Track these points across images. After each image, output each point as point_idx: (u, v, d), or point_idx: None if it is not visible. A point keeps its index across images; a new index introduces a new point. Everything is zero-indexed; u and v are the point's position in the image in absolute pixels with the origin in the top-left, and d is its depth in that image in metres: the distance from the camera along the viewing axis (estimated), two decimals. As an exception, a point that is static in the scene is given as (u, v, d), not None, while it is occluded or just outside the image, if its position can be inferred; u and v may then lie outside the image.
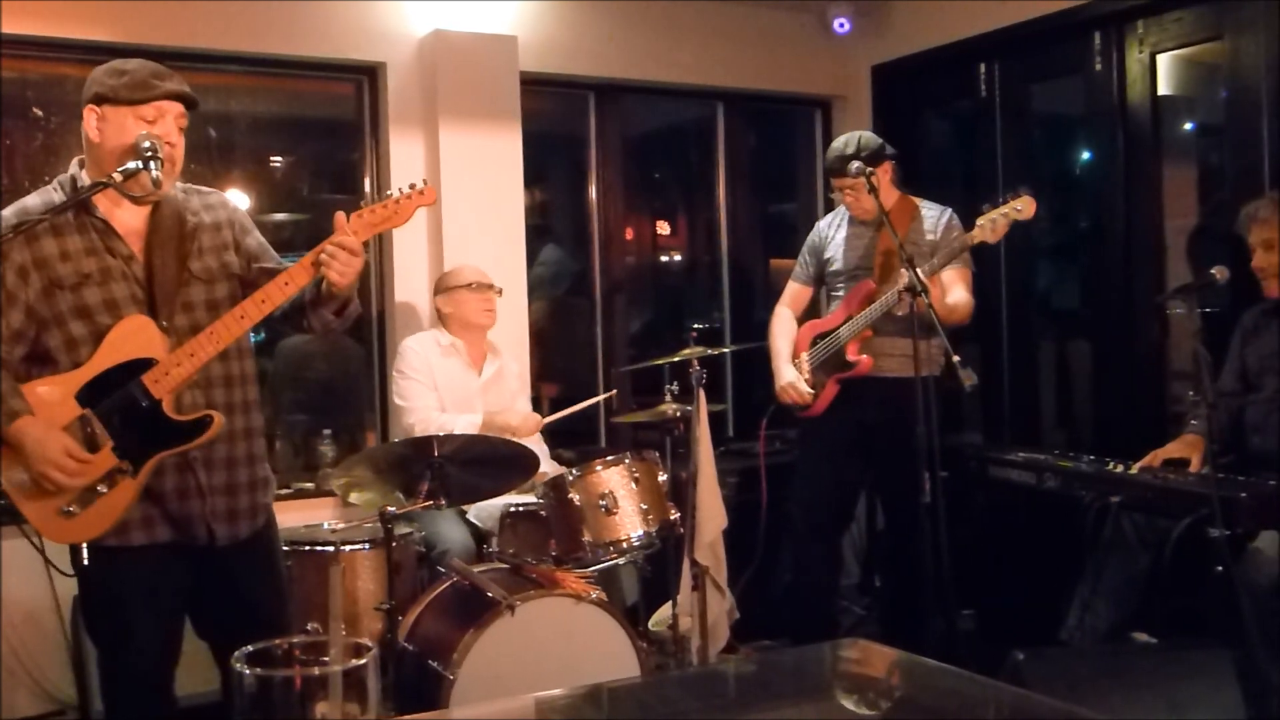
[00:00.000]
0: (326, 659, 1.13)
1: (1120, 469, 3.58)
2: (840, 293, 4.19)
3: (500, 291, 4.28)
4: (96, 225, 2.56)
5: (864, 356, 4.03)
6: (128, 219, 2.60)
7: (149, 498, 2.58)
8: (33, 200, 2.58)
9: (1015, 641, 2.70)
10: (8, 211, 2.57)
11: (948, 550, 3.46)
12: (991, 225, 3.69)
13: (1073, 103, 4.89)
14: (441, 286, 4.26)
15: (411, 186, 2.66)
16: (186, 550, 2.64)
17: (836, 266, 4.20)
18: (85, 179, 2.59)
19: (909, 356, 3.61)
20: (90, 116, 2.57)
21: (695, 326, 5.26)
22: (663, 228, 5.94)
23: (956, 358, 3.31)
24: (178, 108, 2.59)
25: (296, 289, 2.57)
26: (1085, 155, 5.04)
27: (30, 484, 2.48)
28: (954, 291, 3.99)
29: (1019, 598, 4.06)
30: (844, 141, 4.06)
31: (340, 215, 2.58)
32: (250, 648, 1.15)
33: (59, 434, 2.45)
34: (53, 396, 2.49)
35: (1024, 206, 3.66)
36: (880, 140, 4.10)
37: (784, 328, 4.31)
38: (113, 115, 2.54)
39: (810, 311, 4.41)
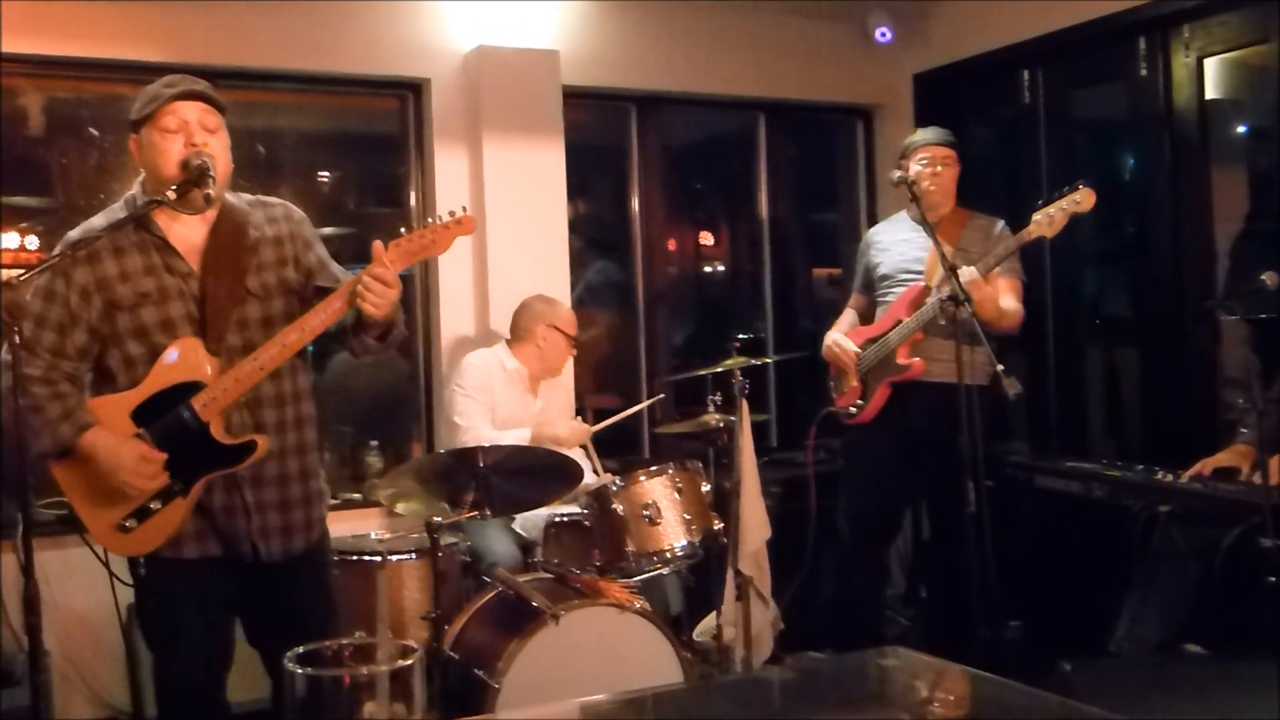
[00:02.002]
0: (374, 661, 1.16)
1: (1169, 478, 3.53)
2: (888, 297, 4.18)
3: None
4: (156, 243, 2.61)
5: (916, 359, 4.01)
6: (188, 235, 2.64)
7: (200, 513, 2.64)
8: (98, 220, 2.64)
9: (1063, 653, 2.67)
10: (74, 232, 2.63)
11: (993, 560, 3.44)
12: (1049, 219, 3.68)
13: (1118, 108, 4.84)
14: (547, 318, 4.26)
15: (451, 214, 2.67)
16: (236, 563, 2.69)
17: (884, 271, 4.20)
18: (143, 198, 2.64)
19: (962, 363, 3.60)
20: (132, 143, 2.66)
21: (738, 337, 5.26)
22: (705, 238, 5.95)
23: (1000, 367, 3.30)
24: (198, 107, 2.59)
25: (334, 319, 2.60)
26: (1131, 161, 4.99)
27: (95, 495, 2.55)
28: (1004, 299, 3.98)
29: (1067, 608, 4.02)
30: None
31: (378, 245, 2.59)
32: (301, 649, 1.18)
33: (131, 440, 2.52)
34: (110, 415, 2.57)
35: (1083, 199, 3.64)
36: None
37: (845, 317, 4.38)
38: (144, 136, 2.61)
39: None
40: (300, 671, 1.14)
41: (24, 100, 4.22)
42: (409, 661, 1.15)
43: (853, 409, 4.18)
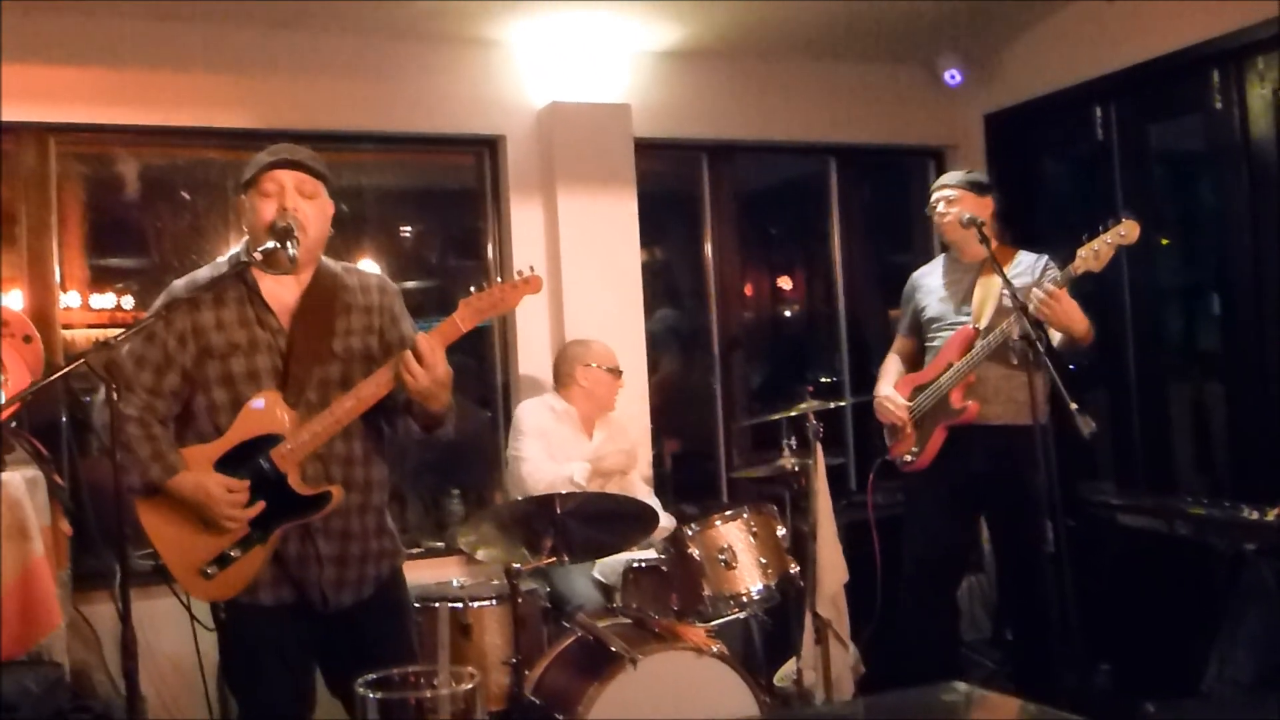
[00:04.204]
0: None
1: (1255, 515, 3.44)
2: (936, 342, 4.11)
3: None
4: (252, 298, 2.70)
5: (970, 402, 3.93)
6: (282, 293, 2.72)
7: (276, 561, 2.71)
8: (203, 273, 2.74)
9: (1152, 695, 2.61)
10: (180, 282, 2.74)
11: (1077, 601, 3.37)
12: (1094, 253, 3.57)
13: (1193, 141, 4.77)
14: (583, 359, 4.33)
15: (519, 274, 2.76)
16: (309, 610, 2.74)
17: (931, 314, 4.14)
18: (244, 256, 2.73)
19: (1015, 402, 3.55)
20: (239, 204, 2.77)
21: (817, 379, 5.23)
22: (780, 283, 5.97)
23: (1074, 405, 3.24)
24: (295, 176, 2.68)
25: (385, 389, 2.65)
26: (1209, 194, 4.90)
27: (180, 539, 2.63)
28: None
29: (1156, 650, 3.91)
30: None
31: (421, 337, 2.63)
32: (373, 675, 1.33)
33: (215, 475, 2.60)
34: (195, 464, 2.64)
35: (1128, 231, 3.55)
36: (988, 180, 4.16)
37: (891, 365, 4.31)
38: (246, 199, 2.72)
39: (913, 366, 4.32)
40: (371, 696, 1.28)
41: (121, 167, 4.43)
42: (468, 686, 1.27)
43: (909, 456, 4.09)
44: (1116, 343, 4.84)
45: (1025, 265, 4.00)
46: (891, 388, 4.17)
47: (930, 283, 4.21)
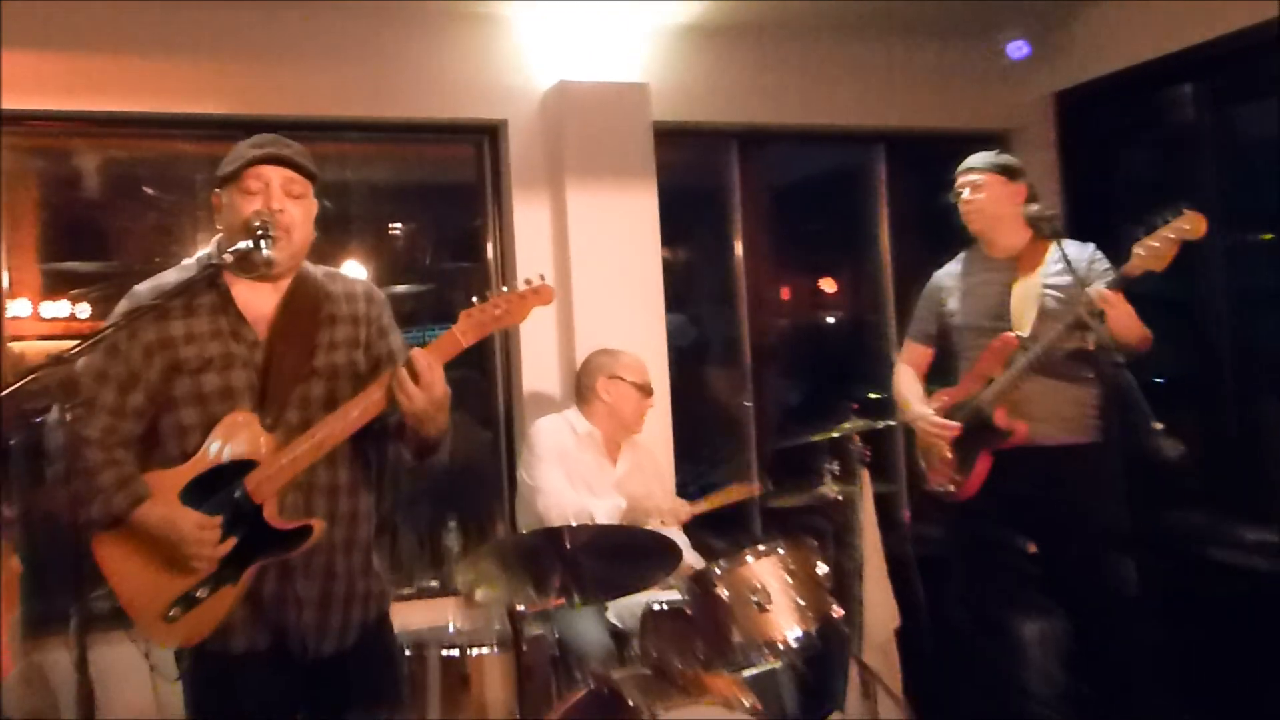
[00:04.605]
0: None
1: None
2: (970, 352, 4.06)
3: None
4: (226, 307, 2.74)
5: (1019, 423, 3.87)
6: (258, 302, 2.76)
7: (249, 603, 2.72)
8: (170, 276, 2.77)
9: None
10: (144, 286, 2.76)
11: (1160, 647, 3.37)
12: (1151, 250, 3.53)
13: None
14: (609, 370, 4.34)
15: (528, 283, 2.78)
16: (287, 659, 2.76)
17: (962, 320, 4.09)
18: (215, 258, 2.76)
19: (1066, 419, 3.53)
20: (215, 200, 2.82)
21: (864, 396, 5.23)
22: (821, 286, 5.99)
23: (1158, 425, 3.25)
24: (282, 173, 2.73)
25: (373, 411, 2.68)
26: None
27: (142, 578, 2.65)
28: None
29: (1256, 705, 3.91)
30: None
31: (415, 351, 2.66)
32: None
33: (184, 509, 2.62)
34: (160, 492, 2.66)
35: (1191, 224, 3.50)
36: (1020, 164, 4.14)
37: (910, 379, 4.26)
38: (226, 194, 2.77)
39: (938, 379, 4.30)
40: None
41: (77, 161, 4.50)
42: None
43: (950, 486, 4.05)
44: (1210, 353, 4.83)
45: (1072, 258, 3.79)
46: (929, 409, 4.11)
47: (956, 283, 4.17)
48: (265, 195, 2.71)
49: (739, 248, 5.39)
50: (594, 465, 4.29)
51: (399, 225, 5.10)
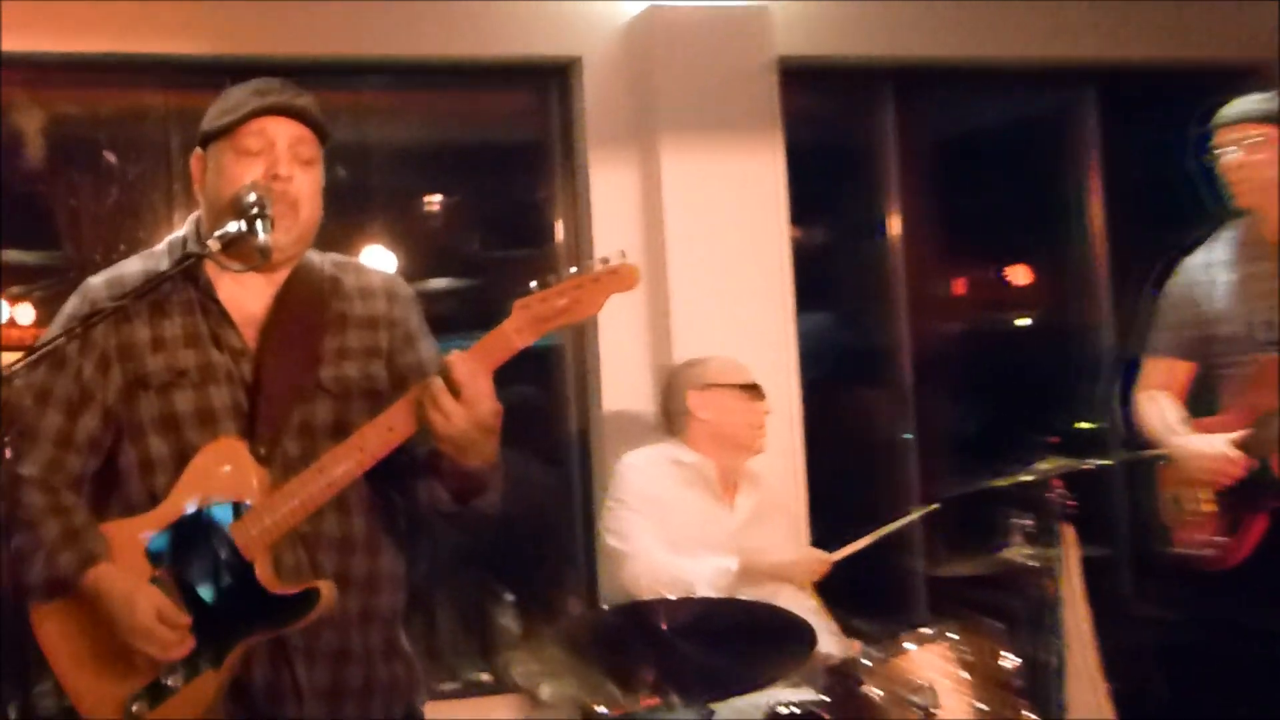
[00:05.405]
0: None
1: None
2: (1239, 375, 4.02)
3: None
4: (206, 306, 2.73)
5: None
6: (247, 299, 2.75)
7: (236, 695, 2.69)
8: (132, 268, 2.78)
9: None
10: (99, 279, 2.77)
11: None
12: None
13: None
14: (696, 380, 4.32)
15: (603, 262, 2.65)
16: None
17: (1226, 329, 4.06)
18: (195, 242, 2.74)
19: None
20: (195, 164, 2.80)
21: (1067, 426, 5.21)
22: (1007, 276, 5.99)
23: None
24: (292, 130, 2.71)
25: (396, 440, 2.64)
26: None
27: (93, 660, 2.65)
28: None
29: None
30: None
31: (457, 358, 2.59)
32: None
33: (149, 589, 2.61)
34: (121, 548, 2.65)
35: None
36: None
37: (1169, 406, 4.19)
38: (214, 155, 2.75)
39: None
40: None
41: (18, 118, 4.54)
42: None
43: (1208, 550, 4.00)
44: None
45: None
46: (1213, 436, 4.02)
47: (1218, 276, 4.13)
48: (269, 158, 2.69)
49: (895, 225, 5.39)
50: (705, 510, 4.27)
51: (436, 199, 5.13)
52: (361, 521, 2.79)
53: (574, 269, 2.66)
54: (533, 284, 2.64)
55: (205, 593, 2.66)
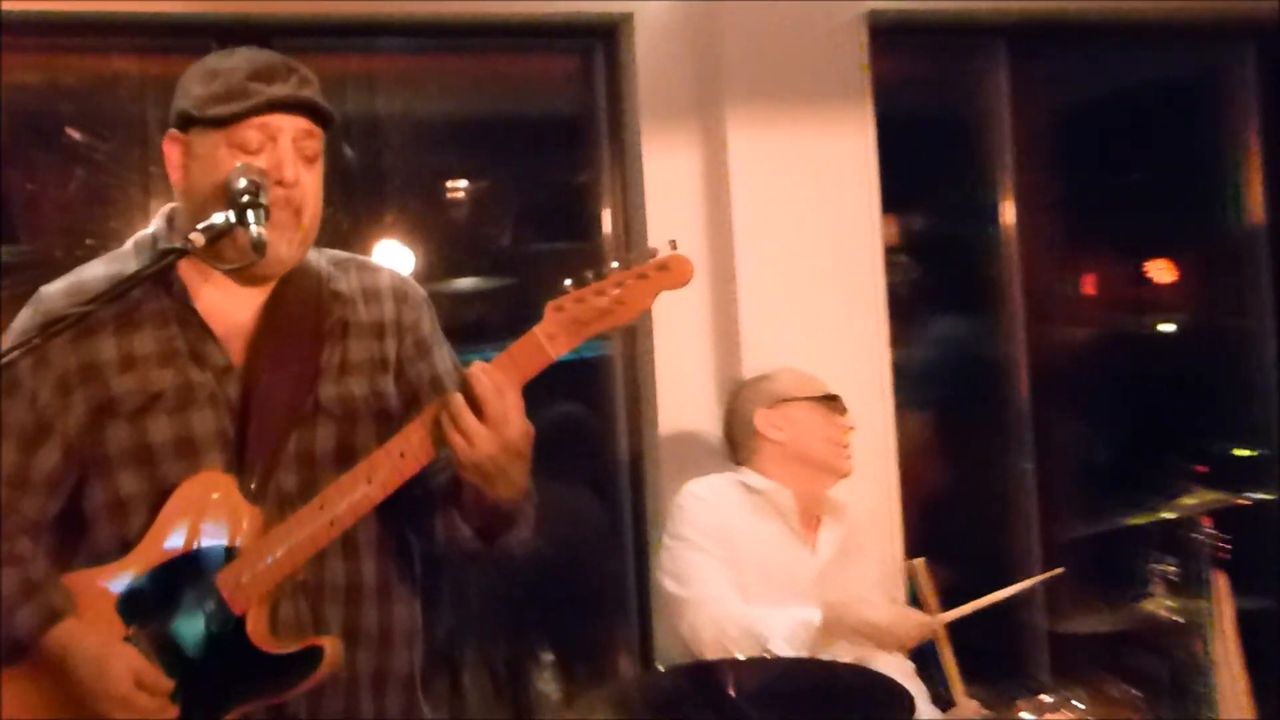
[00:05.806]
0: None
1: None
2: None
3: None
4: (184, 317, 2.74)
5: None
6: (232, 308, 2.78)
7: None
8: (95, 270, 2.80)
9: None
10: (56, 286, 2.78)
11: None
12: None
13: None
14: (765, 397, 4.30)
15: (651, 254, 2.63)
16: None
17: None
18: (166, 239, 2.76)
19: None
20: (172, 149, 2.77)
21: (1221, 453, 5.21)
22: (1147, 272, 5.96)
23: None
24: (297, 123, 2.73)
25: (414, 466, 2.63)
26: None
27: None
28: None
29: None
30: None
31: (479, 370, 2.59)
32: None
33: (122, 649, 2.61)
34: (87, 600, 2.66)
35: None
36: None
37: None
38: (200, 143, 2.72)
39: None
40: None
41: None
42: None
43: None
44: None
45: None
46: None
47: None
48: (271, 157, 2.70)
49: (1009, 210, 5.37)
50: (782, 548, 4.21)
51: (460, 184, 5.14)
52: (371, 566, 2.82)
53: (615, 263, 2.63)
54: (567, 282, 2.61)
55: (189, 653, 2.65)
